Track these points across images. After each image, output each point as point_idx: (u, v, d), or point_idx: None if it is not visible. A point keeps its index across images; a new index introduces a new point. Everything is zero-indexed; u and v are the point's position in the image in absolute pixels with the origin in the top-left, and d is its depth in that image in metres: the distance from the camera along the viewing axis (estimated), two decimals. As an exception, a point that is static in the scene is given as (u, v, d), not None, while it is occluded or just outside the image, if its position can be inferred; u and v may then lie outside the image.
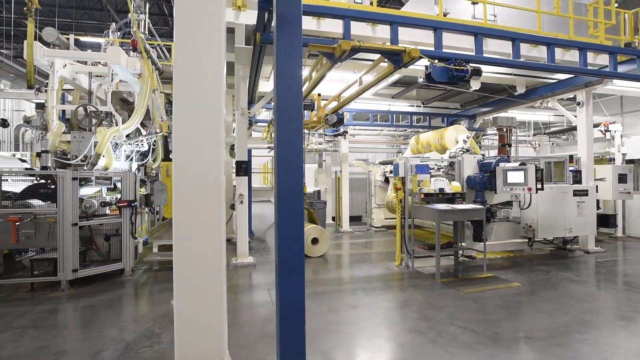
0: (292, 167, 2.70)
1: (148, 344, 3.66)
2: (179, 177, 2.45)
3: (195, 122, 2.52)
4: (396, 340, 3.79)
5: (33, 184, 6.19)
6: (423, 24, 4.69)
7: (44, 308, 4.70)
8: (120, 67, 6.71)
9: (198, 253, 2.50)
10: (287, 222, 2.69)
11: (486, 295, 5.13)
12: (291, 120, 2.71)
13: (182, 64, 2.52)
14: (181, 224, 2.45)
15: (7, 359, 3.39)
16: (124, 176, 5.98)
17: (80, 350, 3.53)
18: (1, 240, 5.19)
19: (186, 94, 2.52)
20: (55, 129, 6.53)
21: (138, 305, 4.88)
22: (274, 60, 2.75)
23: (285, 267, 2.69)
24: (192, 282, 2.50)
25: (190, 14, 2.58)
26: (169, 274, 6.30)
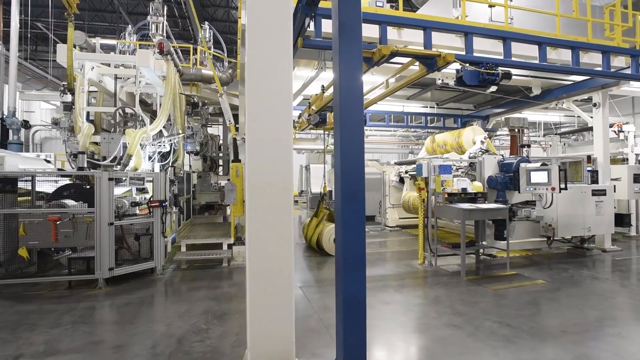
0: (355, 169, 2.84)
1: (198, 339, 3.80)
2: (253, 180, 2.59)
3: (267, 128, 2.66)
4: (436, 334, 3.92)
5: (66, 184, 6.32)
6: (455, 29, 4.84)
7: (86, 305, 4.83)
8: (148, 70, 6.85)
9: (269, 252, 2.64)
10: (350, 222, 2.82)
11: (513, 292, 5.27)
12: (353, 124, 2.85)
13: (255, 77, 2.66)
14: (254, 224, 2.60)
15: (67, 352, 3.52)
16: (156, 177, 6.11)
17: (135, 345, 3.66)
18: (41, 239, 5.33)
19: (259, 103, 2.66)
20: (86, 130, 6.67)
21: (176, 302, 5.00)
22: (335, 66, 2.89)
23: (348, 264, 2.83)
24: (263, 278, 2.64)
25: (261, 30, 2.70)
26: (198, 272, 6.44)
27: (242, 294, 5.45)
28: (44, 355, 3.45)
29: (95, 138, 6.79)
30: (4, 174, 5.28)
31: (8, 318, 4.36)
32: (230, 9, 18.12)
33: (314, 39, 4.36)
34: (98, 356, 3.44)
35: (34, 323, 4.20)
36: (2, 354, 3.47)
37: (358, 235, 2.86)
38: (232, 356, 3.43)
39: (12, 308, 4.70)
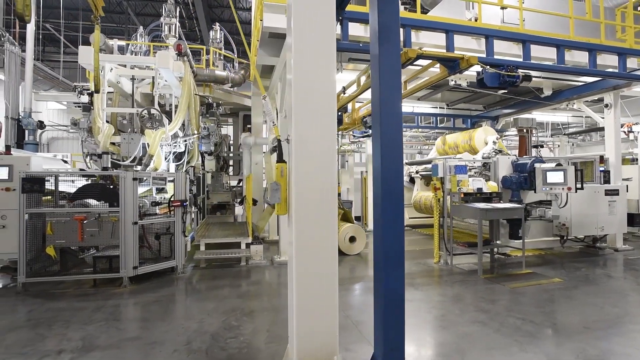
0: (394, 170, 2.92)
1: (232, 335, 3.89)
2: (300, 180, 2.69)
3: (312, 130, 2.75)
4: (462, 330, 4.02)
5: (89, 184, 6.41)
6: (477, 32, 4.94)
7: (114, 302, 4.93)
8: (167, 71, 6.94)
9: (315, 250, 2.73)
10: (391, 221, 2.90)
11: (532, 289, 5.37)
12: (392, 126, 2.93)
13: (301, 80, 2.75)
14: (301, 223, 2.69)
15: (106, 348, 3.61)
16: (177, 177, 6.21)
17: (171, 341, 3.75)
18: (68, 238, 5.42)
19: (305, 105, 2.75)
20: (106, 131, 6.76)
21: (202, 300, 5.09)
22: (374, 69, 2.98)
23: (389, 261, 2.91)
24: (310, 275, 2.72)
25: (306, 39, 2.79)
26: (217, 271, 6.53)
27: (265, 292, 5.55)
28: (84, 350, 3.54)
29: (114, 138, 6.89)
30: (33, 173, 5.36)
31: (41, 315, 4.45)
32: (237, 10, 18.18)
33: (342, 41, 4.45)
34: (137, 352, 3.53)
35: (68, 320, 4.29)
36: (44, 349, 3.56)
37: (398, 233, 2.95)
38: (268, 352, 3.52)
39: (42, 305, 4.79)
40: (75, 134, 21.65)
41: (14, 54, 8.99)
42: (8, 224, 5.56)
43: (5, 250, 5.56)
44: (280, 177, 2.85)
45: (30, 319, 4.35)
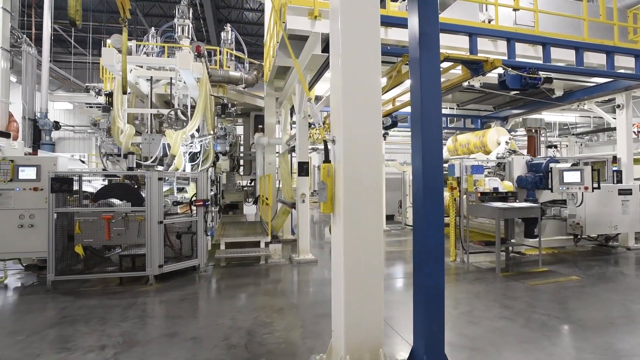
0: (435, 170, 3.02)
1: (267, 331, 3.98)
2: (349, 179, 2.79)
3: (360, 133, 2.85)
4: (491, 325, 4.12)
5: (111, 184, 6.50)
6: (498, 35, 5.05)
7: (144, 300, 5.02)
8: (188, 72, 7.03)
9: (363, 246, 2.83)
10: (432, 218, 3.00)
11: (551, 287, 5.47)
12: (433, 128, 3.04)
13: (350, 86, 2.85)
14: (350, 220, 2.79)
15: (146, 343, 3.70)
16: (200, 177, 6.30)
17: (209, 337, 3.84)
18: (95, 237, 5.51)
19: (353, 108, 2.85)
20: (128, 131, 6.85)
21: (229, 298, 5.18)
22: (415, 73, 3.08)
23: (430, 257, 3.01)
24: (358, 270, 2.82)
25: (355, 41, 2.89)
26: (238, 270, 6.62)
27: (290, 290, 5.65)
28: (126, 346, 3.63)
29: (135, 139, 6.98)
30: (61, 173, 5.44)
31: (75, 312, 4.54)
32: (244, 11, 18.30)
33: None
34: (178, 347, 3.62)
35: (102, 317, 4.38)
36: (86, 345, 3.65)
37: (438, 229, 3.05)
38: (305, 347, 3.62)
39: (74, 303, 4.88)
40: (81, 134, 21.76)
41: (31, 55, 9.07)
42: (36, 223, 5.64)
43: (34, 249, 5.64)
44: (327, 176, 2.94)
45: (65, 315, 4.44)
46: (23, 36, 9.06)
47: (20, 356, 3.44)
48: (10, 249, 5.60)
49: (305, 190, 7.08)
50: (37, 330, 4.00)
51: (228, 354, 3.47)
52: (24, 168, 5.65)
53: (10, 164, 5.59)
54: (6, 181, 5.57)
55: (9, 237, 5.56)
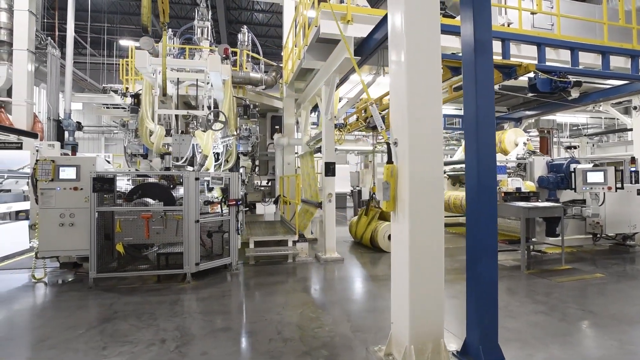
0: (490, 170, 3.20)
1: (316, 326, 4.13)
2: (414, 180, 2.96)
3: (422, 135, 3.01)
4: (529, 319, 4.28)
5: (143, 184, 6.64)
6: (530, 40, 5.22)
7: (186, 297, 5.16)
8: (217, 74, 7.19)
9: (427, 242, 3.00)
10: (486, 216, 3.17)
11: (578, 284, 5.64)
12: (487, 130, 3.21)
13: (415, 92, 3.02)
14: (415, 217, 2.96)
15: (204, 337, 3.85)
16: (232, 177, 6.44)
17: (262, 331, 3.99)
18: (135, 236, 5.66)
19: (417, 115, 3.02)
20: (159, 132, 7.00)
21: (269, 294, 5.32)
22: (470, 78, 3.24)
23: (485, 252, 3.18)
24: (422, 265, 2.99)
25: (418, 48, 3.05)
26: (268, 268, 6.77)
27: (325, 287, 5.81)
28: (186, 339, 3.78)
29: (166, 140, 7.12)
30: (102, 173, 5.58)
31: (123, 308, 4.68)
32: (254, 12, 18.45)
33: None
34: (235, 341, 3.77)
35: (152, 312, 4.52)
36: (146, 339, 3.79)
37: (492, 227, 3.22)
38: (358, 339, 3.77)
39: (119, 299, 5.02)
40: (90, 135, 21.86)
41: (55, 57, 9.20)
42: (76, 222, 5.78)
43: (74, 247, 5.78)
44: (390, 176, 3.10)
45: (115, 311, 4.58)
46: (48, 38, 9.19)
47: (86, 349, 3.59)
48: (52, 247, 5.74)
49: (332, 190, 7.23)
50: (94, 325, 4.15)
51: (286, 346, 3.62)
52: (64, 168, 5.78)
53: (52, 164, 5.73)
54: (47, 181, 5.71)
55: (51, 236, 5.70)
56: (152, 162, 7.31)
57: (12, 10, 9.06)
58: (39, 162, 5.71)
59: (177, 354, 3.47)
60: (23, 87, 8.82)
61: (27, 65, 8.89)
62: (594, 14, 8.02)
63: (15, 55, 8.81)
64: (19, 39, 8.83)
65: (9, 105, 9.15)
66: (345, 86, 8.45)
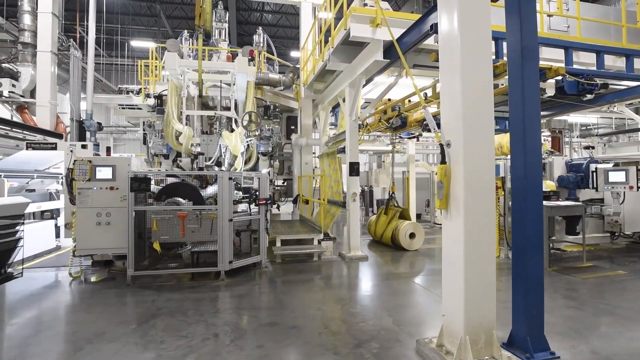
0: (535, 169, 3.35)
1: (359, 320, 4.28)
2: (469, 179, 3.11)
3: (478, 137, 3.16)
4: (563, 314, 4.43)
5: (172, 183, 6.77)
6: (557, 43, 5.38)
7: (224, 294, 5.30)
8: (243, 75, 7.32)
9: (480, 238, 3.15)
10: (533, 214, 3.33)
11: (603, 280, 5.80)
12: (534, 132, 3.37)
13: (469, 95, 3.17)
14: (471, 214, 3.11)
15: (255, 331, 3.99)
16: (261, 177, 6.59)
17: (308, 326, 4.13)
18: (171, 234, 5.79)
19: (472, 118, 3.16)
20: (187, 133, 7.13)
21: (304, 291, 5.46)
22: (517, 82, 3.39)
23: (532, 249, 3.34)
24: (476, 259, 3.14)
25: (472, 51, 3.20)
26: (296, 265, 6.90)
27: (357, 284, 5.96)
28: (237, 334, 3.91)
29: (194, 140, 7.25)
30: (139, 173, 5.72)
31: (166, 304, 4.82)
32: (264, 13, 18.57)
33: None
34: (286, 335, 3.90)
35: (196, 309, 4.66)
36: (198, 333, 3.92)
37: (538, 224, 3.38)
38: (405, 333, 3.92)
39: (160, 296, 5.15)
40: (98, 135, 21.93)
41: (77, 59, 9.32)
42: (112, 221, 5.91)
43: (110, 245, 5.92)
44: (444, 176, 3.25)
45: (160, 307, 4.71)
46: (70, 40, 9.30)
47: (145, 342, 3.72)
48: (89, 245, 5.87)
49: (357, 190, 7.38)
50: (144, 320, 4.28)
51: (337, 340, 3.76)
52: (100, 168, 5.91)
53: (89, 164, 5.86)
54: (85, 180, 5.84)
55: (88, 234, 5.83)
56: (181, 162, 7.43)
57: (36, 13, 9.18)
58: (76, 162, 5.84)
59: (234, 347, 3.61)
60: (47, 89, 8.94)
61: (50, 66, 9.01)
62: (608, 15, 8.19)
63: (39, 57, 8.92)
64: (42, 41, 8.95)
65: (32, 106, 9.27)
66: (365, 87, 8.60)
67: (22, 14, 9.18)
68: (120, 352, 3.52)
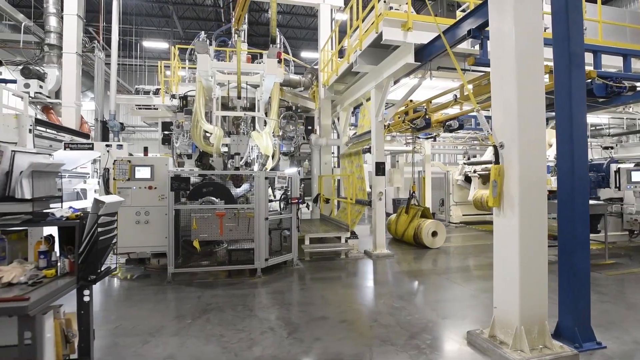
0: (582, 169, 3.54)
1: (406, 313, 4.44)
2: (524, 179, 3.30)
3: (532, 138, 3.34)
4: (597, 307, 4.58)
5: (204, 183, 6.92)
6: (588, 48, 5.56)
7: (264, 290, 5.45)
8: (272, 77, 7.46)
9: (534, 234, 3.33)
10: (580, 211, 3.52)
11: (628, 277, 6.00)
12: (580, 134, 3.56)
13: (523, 100, 3.35)
14: (526, 209, 3.30)
15: (309, 325, 4.15)
16: (293, 176, 6.75)
17: (359, 319, 4.31)
18: (210, 232, 5.95)
19: (526, 120, 3.35)
20: (218, 134, 7.27)
21: (342, 287, 5.64)
22: (564, 87, 3.58)
23: (578, 244, 3.53)
24: (530, 254, 3.32)
25: (527, 56, 3.38)
26: (325, 263, 7.07)
27: (390, 280, 6.12)
28: (291, 328, 4.07)
29: (225, 140, 7.40)
30: (178, 173, 5.87)
31: (213, 300, 4.97)
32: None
33: (482, 58, 5.07)
34: (339, 328, 4.06)
35: (243, 304, 4.81)
36: (255, 326, 4.08)
37: (585, 221, 3.57)
38: (451, 325, 4.09)
39: (204, 292, 5.30)
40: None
41: (101, 60, 9.45)
42: (150, 220, 6.06)
43: (149, 243, 6.07)
44: (497, 175, 3.43)
45: (208, 303, 4.87)
46: (94, 41, 9.43)
47: (206, 336, 3.88)
48: (129, 244, 6.02)
49: (382, 189, 7.55)
50: (197, 316, 4.43)
51: (390, 331, 3.93)
52: (139, 168, 6.06)
53: (128, 164, 6.01)
54: (124, 180, 5.99)
55: (128, 233, 5.98)
56: (213, 162, 7.57)
57: (61, 15, 9.30)
58: (116, 162, 5.99)
59: (293, 340, 3.77)
60: (72, 89, 9.07)
61: (75, 67, 9.14)
62: (624, 17, 8.41)
63: (65, 58, 9.04)
64: (68, 42, 9.07)
65: (56, 106, 9.39)
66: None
67: (48, 15, 9.30)
68: (185, 345, 3.68)
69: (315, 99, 10.53)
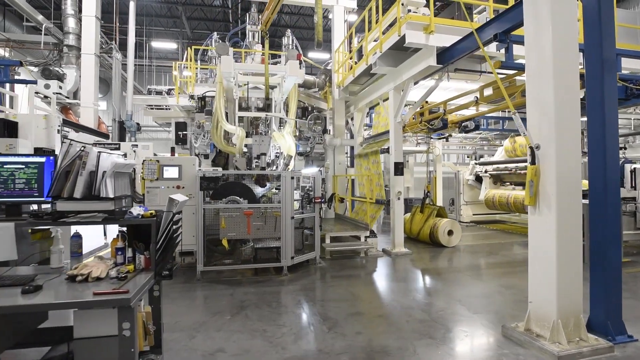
0: (614, 170, 3.71)
1: (438, 309, 4.58)
2: (561, 179, 3.45)
3: (567, 141, 3.49)
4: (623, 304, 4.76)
5: (227, 183, 7.04)
6: (607, 50, 5.72)
7: (293, 287, 5.58)
8: (292, 78, 7.60)
9: (570, 231, 3.48)
10: (611, 210, 3.68)
11: (645, 273, 6.18)
12: (613, 136, 3.71)
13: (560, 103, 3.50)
14: (564, 208, 3.45)
15: (345, 320, 4.28)
16: (316, 176, 6.88)
17: (392, 315, 4.44)
18: (238, 231, 6.07)
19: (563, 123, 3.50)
20: (240, 134, 7.41)
21: (366, 284, 5.78)
22: (596, 91, 3.73)
23: (610, 241, 3.69)
24: (567, 251, 3.48)
25: (563, 60, 3.53)
26: (346, 261, 7.20)
27: (411, 277, 6.26)
28: (330, 323, 4.20)
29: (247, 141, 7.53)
30: (207, 173, 5.99)
31: (245, 297, 5.09)
32: (282, 14, 18.83)
33: (508, 61, 5.21)
34: (376, 323, 4.21)
35: (277, 301, 4.95)
36: (293, 322, 4.22)
37: (617, 220, 3.73)
38: (485, 319, 4.23)
39: (236, 290, 5.43)
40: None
41: (118, 61, 9.55)
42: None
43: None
44: (534, 175, 3.58)
45: (242, 300, 4.99)
46: (111, 42, 9.53)
47: (249, 331, 4.00)
48: (158, 242, 6.13)
49: (401, 188, 7.70)
50: (235, 312, 4.56)
51: (426, 325, 4.07)
52: (167, 168, 6.18)
53: (157, 164, 6.13)
54: (153, 180, 6.11)
55: (157, 232, 6.08)
56: (236, 162, 7.70)
57: (79, 17, 9.39)
58: (145, 162, 6.10)
59: (335, 334, 3.91)
60: (90, 90, 9.16)
61: (94, 68, 9.24)
62: (635, 19, 8.59)
63: (84, 59, 9.14)
64: (86, 43, 9.16)
65: (74, 107, 9.49)
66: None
67: (67, 17, 9.38)
68: (231, 339, 3.80)
69: (327, 99, 10.66)
